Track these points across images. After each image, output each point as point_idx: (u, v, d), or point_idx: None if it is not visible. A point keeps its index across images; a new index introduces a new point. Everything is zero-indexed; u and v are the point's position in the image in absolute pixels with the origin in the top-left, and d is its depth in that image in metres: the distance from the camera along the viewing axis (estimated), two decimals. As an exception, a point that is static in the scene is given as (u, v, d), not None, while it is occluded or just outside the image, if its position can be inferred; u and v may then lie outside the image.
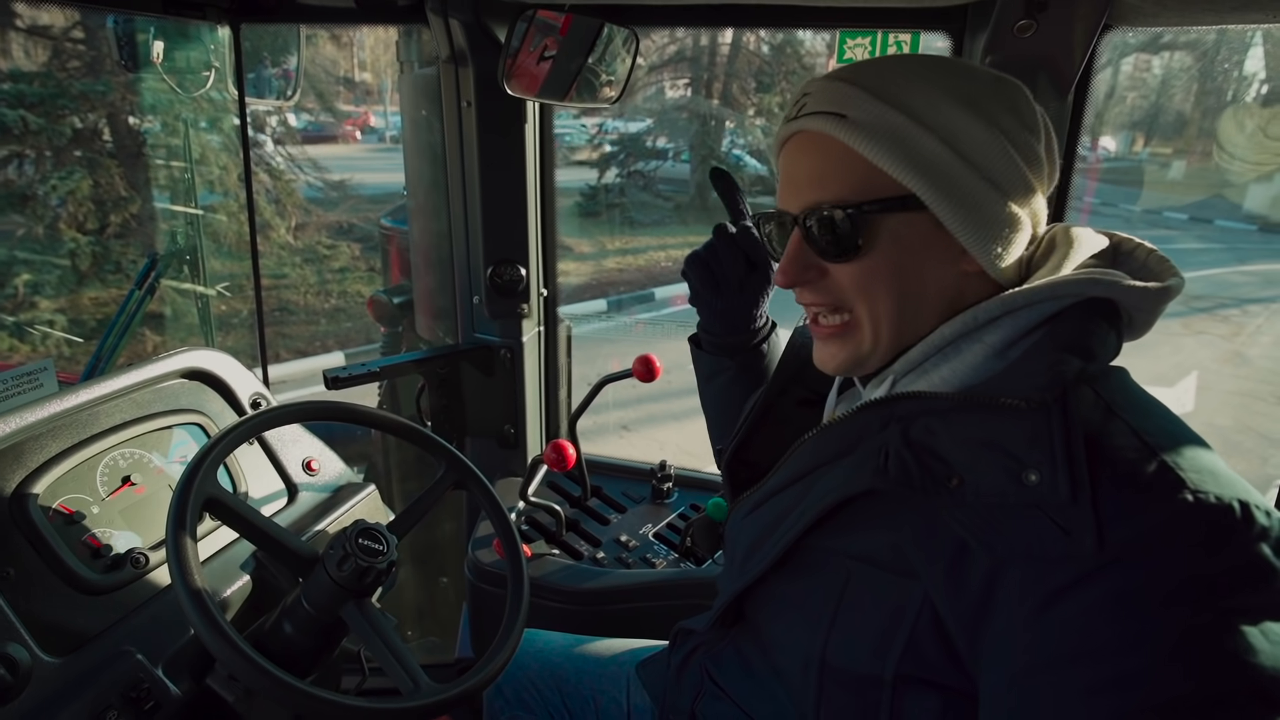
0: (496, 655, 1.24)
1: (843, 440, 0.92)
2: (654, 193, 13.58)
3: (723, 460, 1.19)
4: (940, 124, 0.83)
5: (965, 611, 0.75)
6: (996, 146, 0.84)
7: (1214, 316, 9.12)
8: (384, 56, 14.41)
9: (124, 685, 1.17)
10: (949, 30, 1.63)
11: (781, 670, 0.94)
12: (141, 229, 7.11)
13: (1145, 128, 15.41)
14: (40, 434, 1.31)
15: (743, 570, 0.99)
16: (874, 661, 0.81)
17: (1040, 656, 0.70)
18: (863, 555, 0.84)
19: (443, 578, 2.83)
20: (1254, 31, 11.09)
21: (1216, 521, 0.67)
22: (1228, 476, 0.71)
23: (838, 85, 0.86)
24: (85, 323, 6.78)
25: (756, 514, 1.02)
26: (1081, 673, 0.67)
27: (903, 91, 0.84)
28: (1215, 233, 12.98)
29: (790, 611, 0.93)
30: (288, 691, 1.04)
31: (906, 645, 0.79)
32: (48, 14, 6.85)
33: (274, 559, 1.25)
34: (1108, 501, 0.70)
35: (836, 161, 0.85)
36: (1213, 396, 6.98)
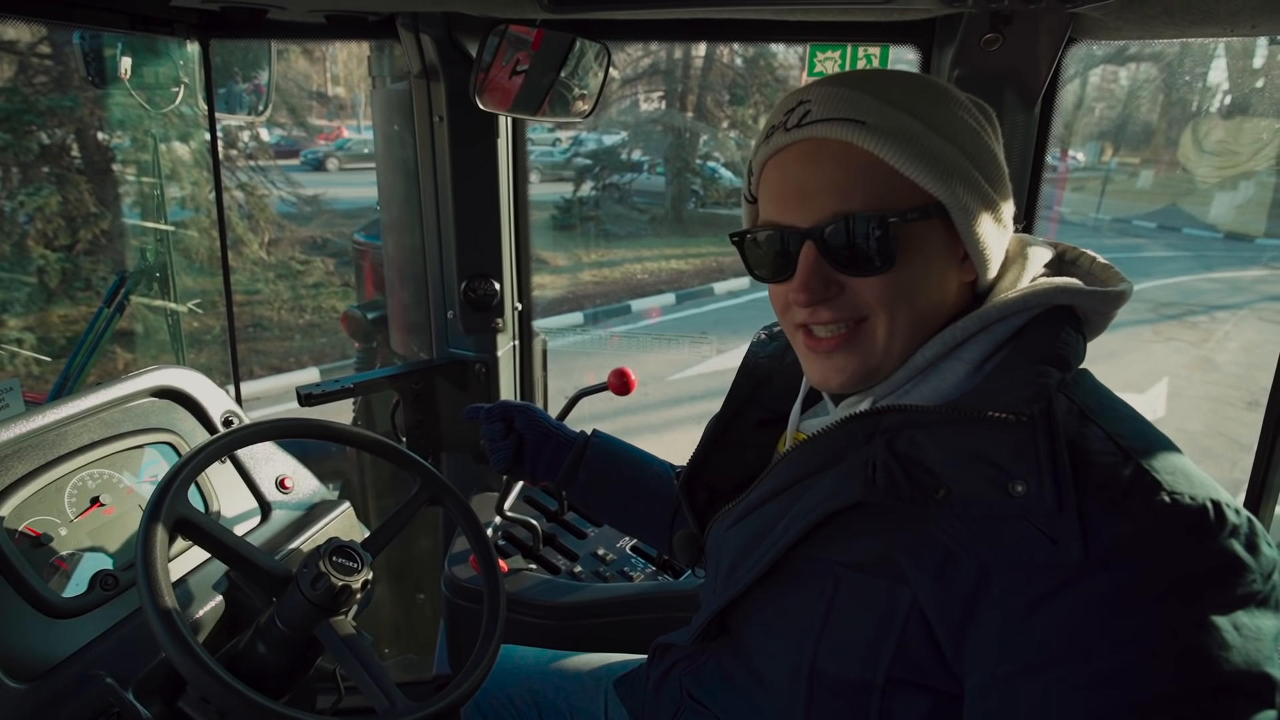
0: (473, 672, 1.23)
1: (828, 452, 0.92)
2: (629, 205, 13.62)
3: (679, 484, 1.18)
4: (954, 132, 0.84)
5: (952, 615, 0.76)
6: (994, 154, 0.87)
7: (1183, 323, 9.25)
8: (357, 71, 14.37)
9: (94, 710, 1.15)
10: (917, 44, 1.65)
11: (766, 680, 0.94)
12: (111, 245, 7.03)
13: (1113, 138, 15.65)
14: (6, 455, 1.29)
15: (728, 583, 0.98)
16: (865, 666, 0.82)
17: (1026, 658, 0.71)
18: (852, 563, 0.84)
19: (419, 594, 2.80)
20: (1216, 44, 11.33)
21: (1193, 522, 0.69)
22: (1199, 476, 0.73)
23: (847, 92, 0.84)
24: (54, 341, 6.68)
25: (740, 527, 1.01)
26: (1066, 672, 0.69)
27: (913, 99, 0.84)
28: (1183, 240, 13.19)
29: (779, 621, 0.92)
30: (261, 713, 1.03)
31: (897, 649, 0.80)
32: (13, 29, 6.77)
33: (247, 578, 1.24)
34: (1091, 509, 0.71)
35: (860, 170, 0.83)
36: (1183, 402, 7.08)
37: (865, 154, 0.82)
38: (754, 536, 0.96)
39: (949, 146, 0.83)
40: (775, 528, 0.92)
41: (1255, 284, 11.26)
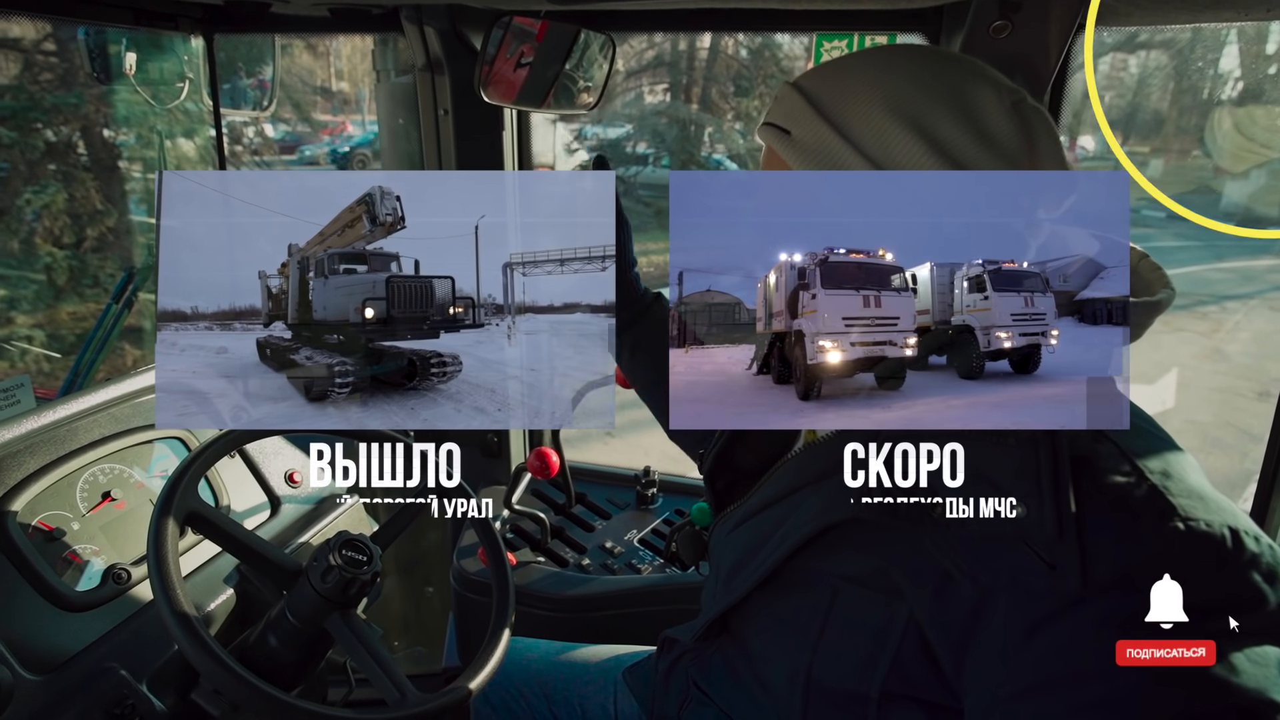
0: (483, 664, 1.23)
1: (826, 462, 0.90)
2: (634, 198, 13.57)
3: (704, 469, 1.16)
4: (872, 145, 0.82)
5: (951, 634, 0.75)
6: (929, 162, 0.82)
7: (1193, 314, 9.19)
8: (361, 65, 14.34)
9: (108, 702, 1.16)
10: (925, 32, 1.64)
11: (767, 682, 0.94)
12: (118, 242, 7.04)
13: (1123, 126, 15.55)
14: (18, 451, 1.30)
15: (728, 589, 0.98)
16: (860, 679, 0.81)
17: (1026, 680, 0.70)
18: (849, 576, 0.84)
19: (428, 587, 2.81)
20: (1228, 30, 11.23)
21: (1208, 551, 0.67)
22: (1215, 501, 0.70)
23: (792, 95, 0.86)
24: (63, 338, 6.70)
25: (739, 531, 1.01)
26: (1067, 695, 0.67)
27: (844, 105, 0.83)
28: (1193, 230, 13.09)
29: (777, 627, 0.92)
30: (274, 705, 1.03)
31: (892, 664, 0.79)
32: (18, 26, 6.78)
33: (257, 572, 1.24)
34: (1096, 533, 0.69)
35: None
36: (1193, 393, 7.03)
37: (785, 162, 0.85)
38: (754, 543, 0.96)
39: (865, 166, 0.82)
40: (773, 537, 0.92)
41: (1266, 273, 11.18)
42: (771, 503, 0.97)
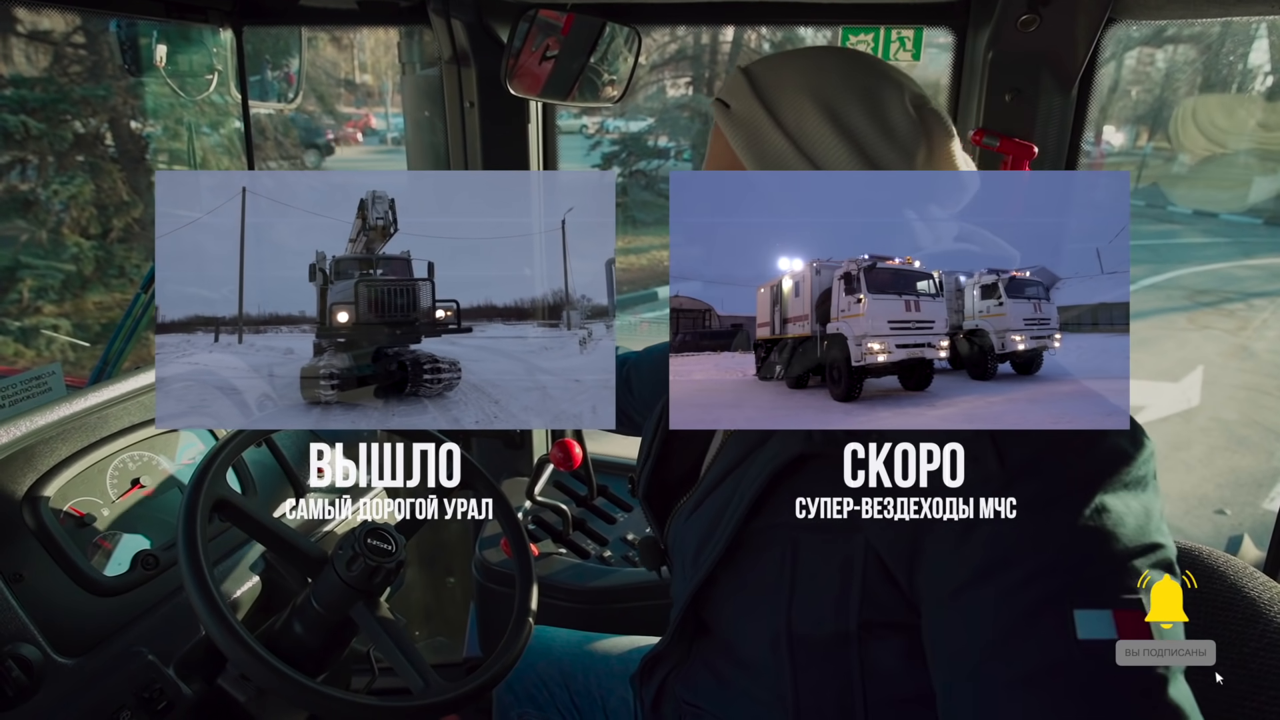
0: (506, 652, 1.25)
1: (763, 431, 0.95)
2: (656, 192, 13.54)
3: (636, 491, 1.16)
4: (791, 124, 0.87)
5: (901, 551, 0.80)
6: (837, 146, 0.87)
7: (1219, 311, 9.08)
8: (384, 58, 14.41)
9: (136, 685, 1.18)
10: (952, 25, 1.63)
11: (751, 664, 0.95)
12: (145, 233, 7.11)
13: (1149, 122, 15.35)
14: (50, 437, 1.32)
15: (695, 568, 0.98)
16: (837, 616, 0.85)
17: (964, 575, 0.75)
18: (805, 524, 0.87)
19: (450, 578, 2.83)
20: (1258, 24, 11.07)
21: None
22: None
23: (739, 76, 0.92)
24: (90, 327, 6.78)
25: (697, 514, 1.01)
26: (1001, 579, 0.73)
27: (777, 89, 0.89)
28: (1220, 226, 12.92)
29: (748, 597, 0.94)
30: (300, 691, 1.05)
31: (863, 594, 0.83)
32: (49, 19, 6.85)
33: (283, 559, 1.25)
34: (1001, 434, 0.79)
35: (728, 151, 0.92)
36: (1218, 391, 6.95)
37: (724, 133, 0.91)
38: (712, 519, 0.97)
39: (783, 142, 0.87)
40: (730, 505, 0.94)
41: (1296, 270, 11.03)
42: (723, 478, 0.98)
